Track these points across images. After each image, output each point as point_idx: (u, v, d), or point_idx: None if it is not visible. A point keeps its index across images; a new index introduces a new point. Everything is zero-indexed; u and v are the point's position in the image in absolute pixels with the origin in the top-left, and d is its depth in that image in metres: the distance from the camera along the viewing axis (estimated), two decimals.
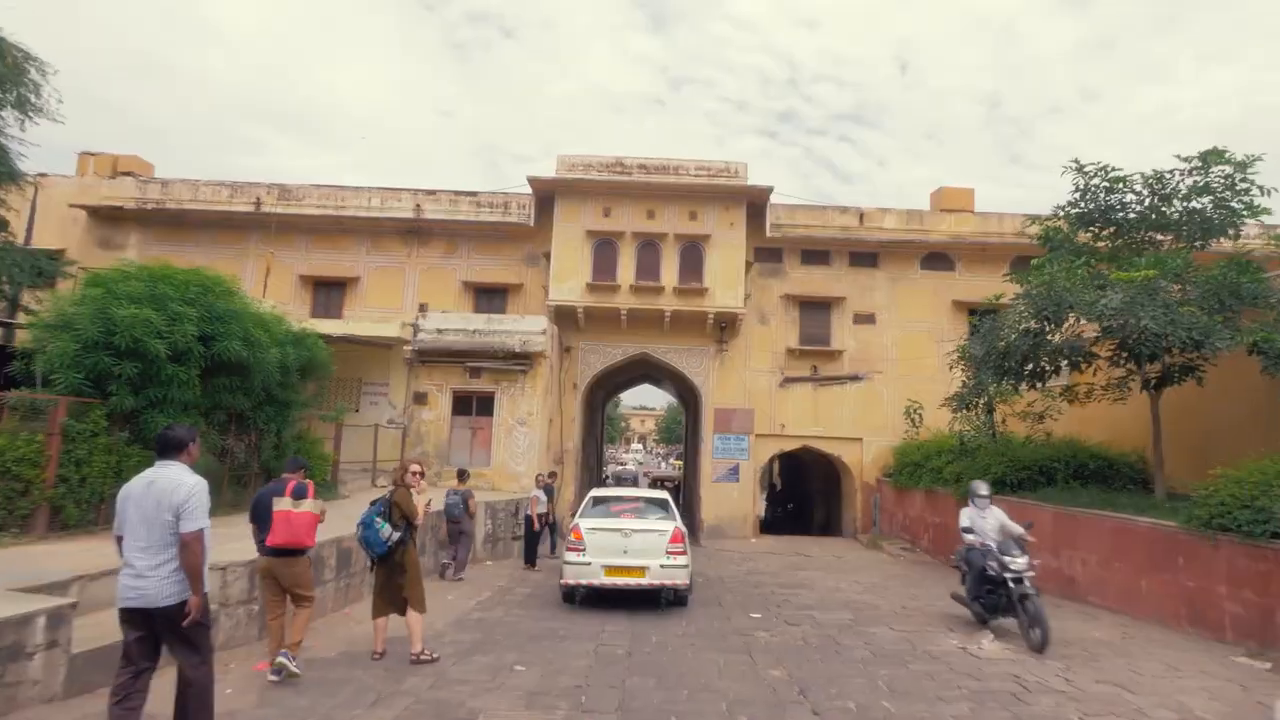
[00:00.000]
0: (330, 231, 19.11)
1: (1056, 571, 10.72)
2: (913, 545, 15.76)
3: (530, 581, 11.43)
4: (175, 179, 19.11)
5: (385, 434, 15.25)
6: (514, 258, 19.21)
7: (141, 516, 3.78)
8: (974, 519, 8.46)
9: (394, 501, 6.26)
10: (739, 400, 18.70)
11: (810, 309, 19.21)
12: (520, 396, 15.92)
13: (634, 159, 18.25)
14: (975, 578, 8.14)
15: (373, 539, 6.11)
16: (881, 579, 12.37)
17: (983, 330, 11.76)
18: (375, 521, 6.14)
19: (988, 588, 7.98)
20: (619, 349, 18.78)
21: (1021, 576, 7.51)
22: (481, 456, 15.77)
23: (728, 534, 18.03)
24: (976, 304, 18.98)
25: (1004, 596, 7.70)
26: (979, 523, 8.40)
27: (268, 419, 9.74)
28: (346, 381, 16.00)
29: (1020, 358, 10.90)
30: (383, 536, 6.10)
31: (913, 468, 16.12)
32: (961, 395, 12.65)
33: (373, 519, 6.14)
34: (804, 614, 9.12)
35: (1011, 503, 12.17)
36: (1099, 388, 11.90)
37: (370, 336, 15.45)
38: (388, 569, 6.26)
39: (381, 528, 6.08)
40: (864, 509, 18.45)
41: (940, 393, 17.94)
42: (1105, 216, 11.22)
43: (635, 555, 8.81)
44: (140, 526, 3.77)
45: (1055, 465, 12.58)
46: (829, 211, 19.18)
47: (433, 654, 6.31)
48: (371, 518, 6.14)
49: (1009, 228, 19.00)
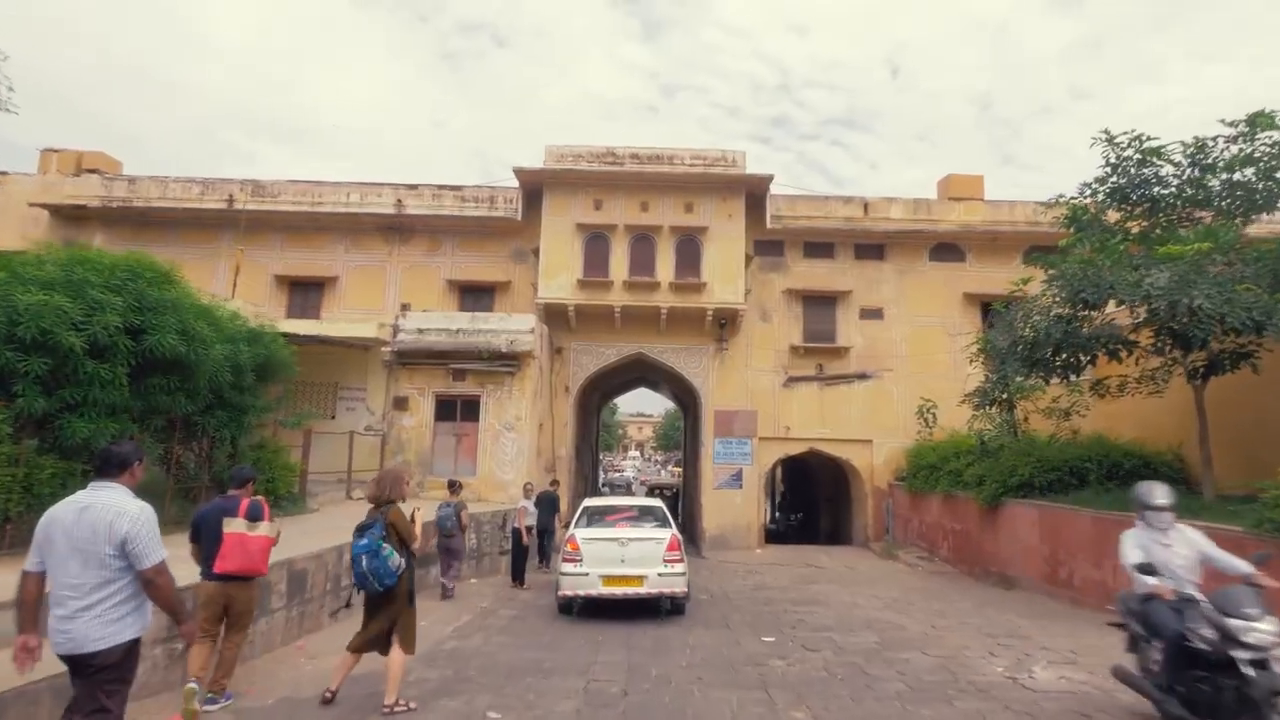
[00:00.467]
0: (307, 229, 18.10)
1: (1099, 584, 9.70)
2: (930, 554, 14.73)
3: (517, 602, 10.37)
4: (143, 176, 18.10)
5: (362, 442, 14.18)
6: (501, 254, 18.22)
7: (72, 548, 3.21)
8: (1149, 546, 4.89)
9: (390, 522, 5.19)
10: (741, 402, 17.69)
11: (814, 304, 18.24)
12: (507, 400, 14.88)
13: (625, 148, 17.29)
14: (1172, 654, 4.52)
15: (383, 570, 5.01)
16: (901, 593, 11.33)
17: (1008, 319, 10.77)
18: (383, 548, 5.05)
19: (1198, 674, 4.34)
20: (613, 349, 17.77)
21: (1265, 658, 4.05)
22: (466, 465, 14.71)
23: (731, 544, 16.98)
24: (990, 296, 18.03)
25: (1230, 691, 4.12)
26: (1159, 553, 4.84)
27: (220, 425, 8.68)
28: (321, 386, 14.95)
29: (1052, 347, 9.90)
30: (392, 566, 5.05)
31: (928, 470, 15.10)
32: (984, 390, 11.66)
33: (379, 545, 5.05)
34: (822, 637, 8.07)
35: (1043, 508, 11.21)
36: (1132, 380, 10.93)
37: (345, 337, 14.40)
38: (381, 602, 5.19)
39: (390, 555, 5.06)
40: (875, 515, 17.41)
41: (953, 390, 17.01)
42: (1140, 191, 10.25)
43: (633, 564, 8.70)
44: (71, 560, 3.20)
45: (1087, 465, 11.58)
46: (832, 202, 18.23)
47: (409, 704, 5.24)
48: (378, 544, 5.04)
49: (1020, 216, 18.10)
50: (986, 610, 9.82)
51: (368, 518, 5.26)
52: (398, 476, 5.56)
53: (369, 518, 5.25)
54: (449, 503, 10.43)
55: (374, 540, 5.05)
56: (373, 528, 5.15)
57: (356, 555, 5.05)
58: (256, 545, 5.20)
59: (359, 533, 5.16)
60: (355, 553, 5.06)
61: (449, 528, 10.17)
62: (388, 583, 5.04)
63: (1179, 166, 9.89)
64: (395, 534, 5.17)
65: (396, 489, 5.43)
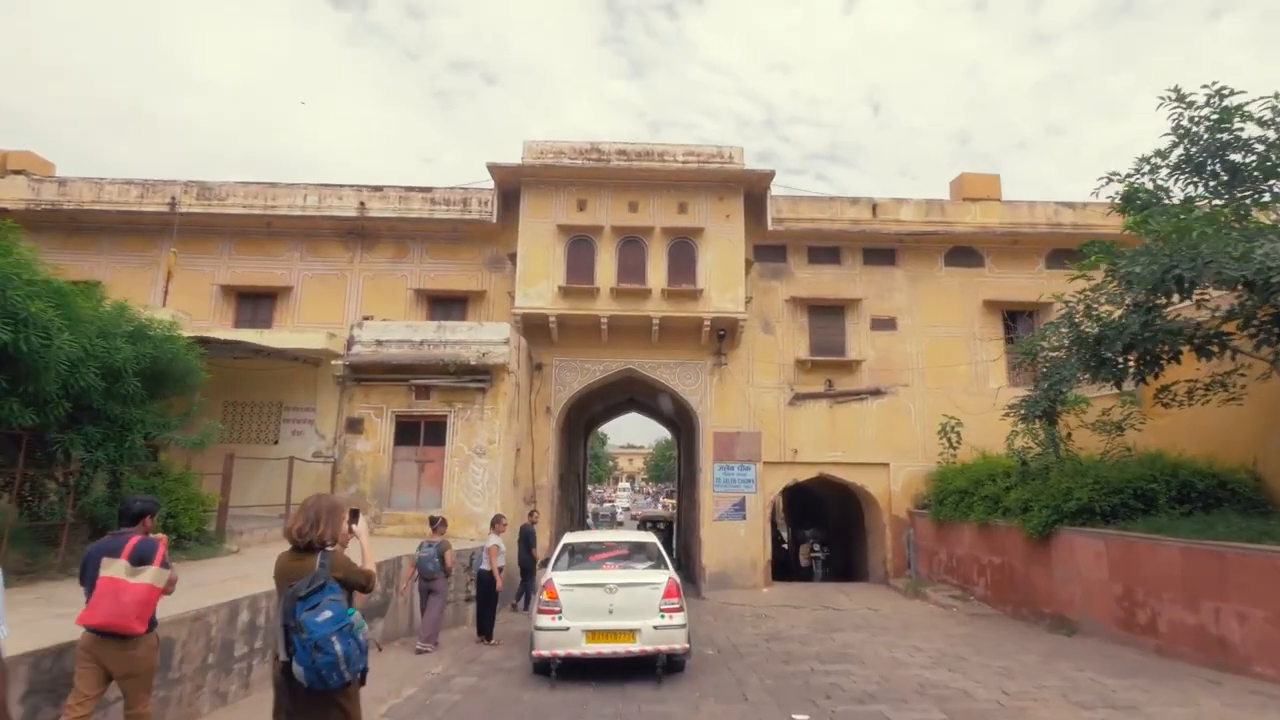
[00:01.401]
0: (258, 235, 16.30)
1: (1197, 630, 7.89)
2: (964, 592, 12.84)
3: (480, 664, 8.41)
4: (76, 178, 16.31)
5: (308, 470, 12.24)
6: (475, 262, 16.48)
7: None
8: None
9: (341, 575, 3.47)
10: (742, 422, 15.88)
11: (821, 314, 16.57)
12: (478, 421, 12.98)
13: (612, 144, 15.72)
14: None
15: (354, 656, 3.28)
16: (945, 643, 9.43)
17: (1068, 313, 9.07)
18: (352, 620, 3.33)
19: None
20: (599, 365, 15.96)
21: None
22: (430, 495, 12.75)
23: (734, 582, 15.01)
24: (1012, 303, 16.55)
25: None
26: None
27: (92, 444, 6.77)
28: (262, 406, 13.06)
29: (1124, 344, 8.20)
30: (365, 642, 3.36)
31: (957, 496, 13.30)
32: (1033, 400, 9.90)
33: (348, 615, 3.32)
34: (870, 712, 6.19)
35: (1111, 537, 9.42)
36: (1200, 386, 9.26)
37: (290, 349, 12.47)
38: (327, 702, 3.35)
39: (363, 627, 3.38)
40: (895, 548, 15.52)
41: (978, 405, 15.35)
42: (1217, 159, 8.66)
43: (623, 615, 7.29)
44: None
45: (1154, 487, 9.82)
46: (837, 203, 16.67)
47: None
48: (346, 615, 3.31)
49: (1041, 217, 16.62)
50: (1058, 665, 7.97)
51: (310, 577, 3.38)
52: (333, 508, 3.66)
53: (309, 574, 3.39)
54: (431, 541, 9.30)
55: (340, 606, 3.30)
56: (326, 588, 3.33)
57: (320, 637, 3.18)
58: (132, 595, 4.02)
59: (300, 600, 3.27)
60: (316, 633, 3.18)
61: (431, 569, 9.10)
62: (357, 669, 3.32)
63: (1268, 126, 8.31)
64: (346, 589, 3.48)
65: (332, 526, 3.58)
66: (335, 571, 3.50)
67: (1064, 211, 16.62)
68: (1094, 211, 16.51)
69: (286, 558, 3.62)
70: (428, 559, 9.19)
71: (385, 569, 9.27)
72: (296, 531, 3.60)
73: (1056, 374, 9.36)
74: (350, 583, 3.57)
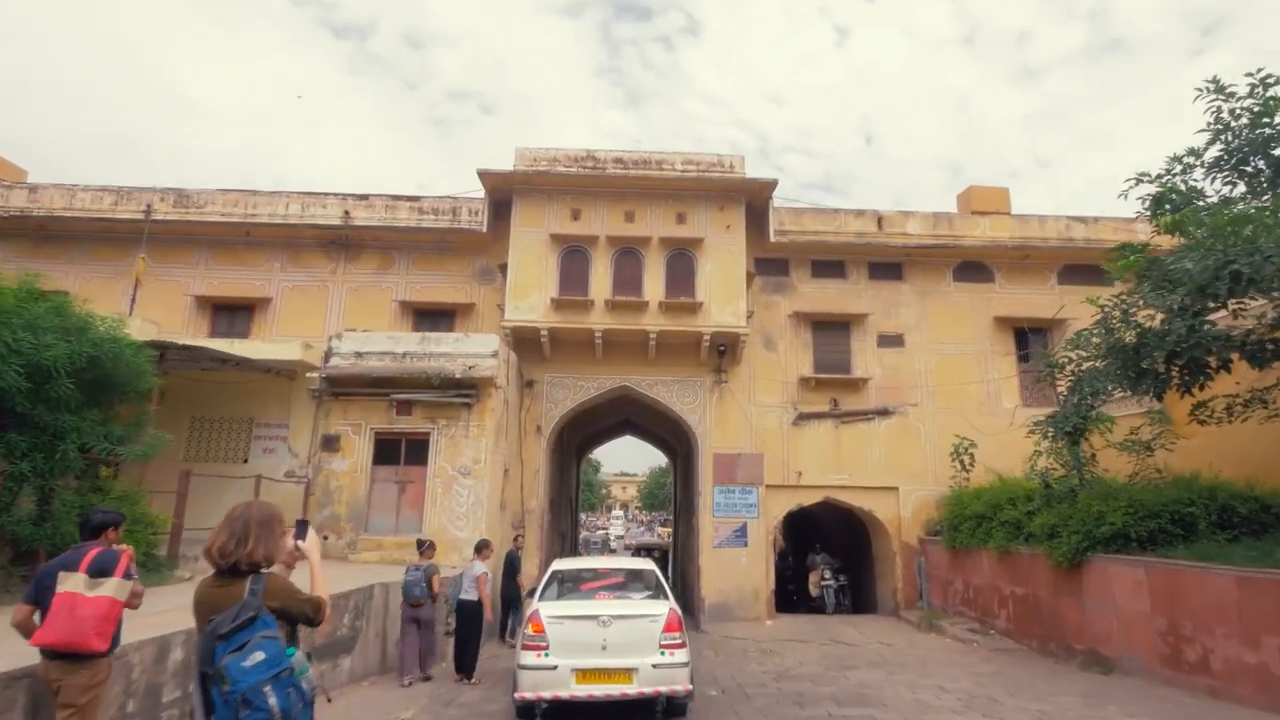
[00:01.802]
0: (236, 245, 15.57)
1: (1258, 670, 7.07)
2: (983, 625, 11.96)
3: (458, 707, 7.52)
4: (48, 184, 15.59)
5: (279, 491, 11.35)
6: (464, 274, 15.76)
7: None
8: None
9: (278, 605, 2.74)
10: (743, 443, 15.07)
11: (825, 330, 15.87)
12: (463, 439, 12.15)
13: (608, 152, 15.13)
14: None
15: (294, 711, 2.57)
16: (972, 682, 8.56)
17: (1102, 319, 8.37)
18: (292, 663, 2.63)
19: None
20: (593, 382, 15.18)
21: None
22: (411, 519, 11.86)
23: (736, 614, 14.08)
24: (1024, 320, 15.88)
25: None
26: None
27: (15, 454, 5.94)
28: (231, 423, 12.22)
29: (1170, 351, 7.50)
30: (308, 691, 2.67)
31: (974, 522, 12.49)
32: (1063, 416, 9.15)
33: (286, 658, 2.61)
34: None
35: (1153, 565, 8.62)
36: (1240, 401, 8.58)
37: (263, 359, 11.61)
38: None
39: (305, 671, 2.67)
40: (906, 577, 14.62)
41: (990, 426, 14.62)
42: (1261, 154, 8.05)
43: (618, 652, 6.48)
44: None
45: (1192, 511, 9.05)
46: (841, 215, 16.07)
47: None
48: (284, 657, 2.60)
49: (1053, 232, 16.06)
50: (1106, 709, 7.15)
51: (235, 609, 2.58)
52: (266, 519, 2.87)
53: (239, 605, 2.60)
54: (418, 566, 8.73)
55: (276, 646, 2.55)
56: (257, 623, 2.56)
57: (249, 689, 2.44)
58: (91, 610, 3.70)
59: (222, 640, 2.51)
60: (243, 683, 2.44)
61: (417, 595, 8.53)
62: None
63: None
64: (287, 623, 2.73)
65: (265, 542, 2.79)
66: (271, 600, 2.70)
67: (1076, 226, 16.07)
68: (1106, 226, 16.02)
69: (207, 585, 2.82)
70: (414, 583, 8.57)
71: (355, 599, 8.40)
72: (218, 550, 2.80)
73: (1090, 386, 8.64)
74: (292, 614, 2.78)
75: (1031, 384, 15.42)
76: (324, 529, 11.60)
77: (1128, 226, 15.21)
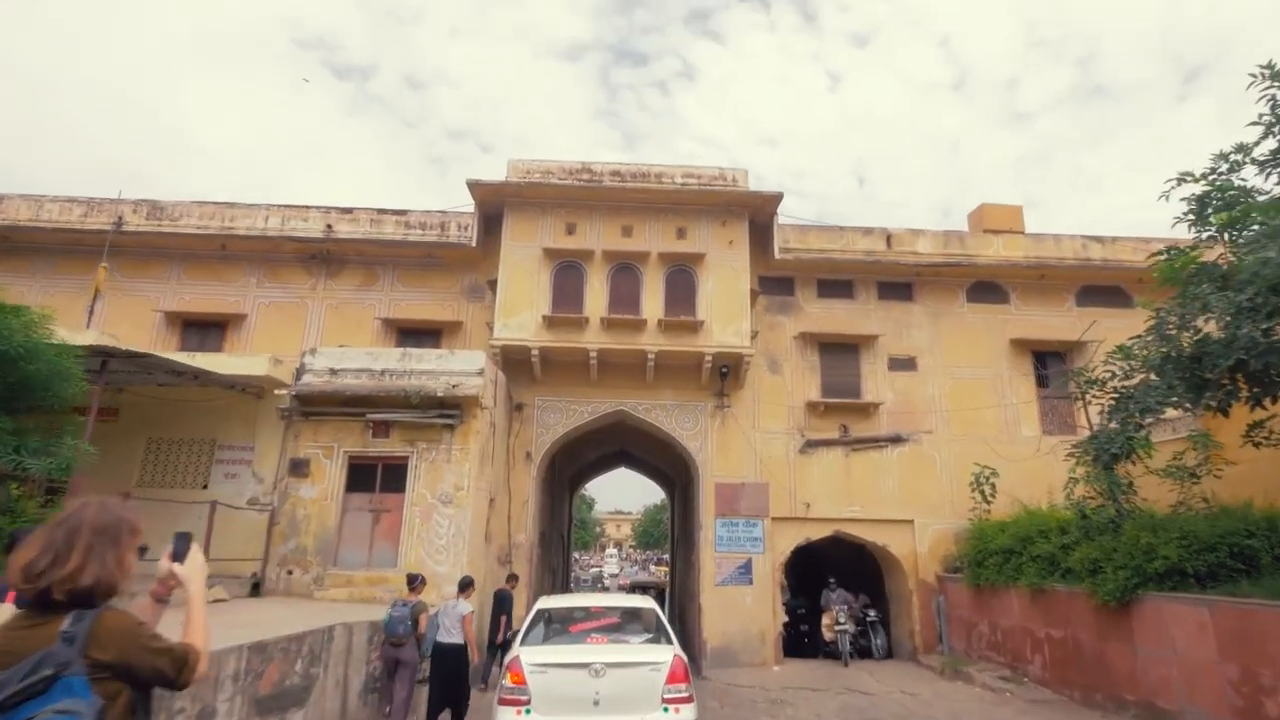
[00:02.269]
0: (211, 259, 14.73)
1: None
2: (1015, 672, 10.84)
3: None
4: (14, 194, 14.77)
5: (238, 519, 10.30)
6: (451, 290, 14.92)
7: None
8: None
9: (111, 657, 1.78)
10: (747, 471, 14.07)
11: (833, 352, 15.01)
12: (445, 464, 11.15)
13: (605, 165, 14.46)
14: None
15: None
16: None
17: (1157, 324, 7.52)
18: None
19: None
20: (587, 406, 14.23)
21: None
22: (385, 552, 10.78)
23: (740, 659, 12.92)
24: (1042, 343, 15.07)
25: None
26: None
27: None
28: (191, 444, 11.21)
29: (1237, 359, 6.64)
30: None
31: (1001, 557, 11.46)
32: (1108, 436, 8.24)
33: None
34: None
35: (1214, 605, 7.62)
36: None
37: (226, 374, 10.61)
38: None
39: None
40: (924, 618, 13.51)
41: (1009, 453, 13.70)
42: None
43: (614, 707, 5.56)
44: None
45: (1252, 544, 8.09)
46: (849, 233, 15.35)
47: None
48: None
49: (1069, 252, 15.36)
50: None
51: (28, 663, 1.65)
52: (105, 526, 1.93)
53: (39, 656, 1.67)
54: (406, 601, 8.02)
55: None
56: (56, 687, 1.64)
57: None
58: None
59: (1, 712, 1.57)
60: None
61: (400, 633, 7.78)
62: None
63: None
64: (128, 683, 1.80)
65: (100, 561, 1.85)
66: (98, 650, 1.73)
67: (1093, 246, 15.38)
68: (1124, 246, 15.35)
69: (9, 626, 1.86)
70: (399, 619, 7.80)
71: (310, 642, 7.30)
72: (22, 570, 1.86)
73: (1140, 403, 7.74)
74: (136, 672, 1.80)
75: (1051, 410, 14.56)
76: (288, 563, 10.53)
77: (1146, 246, 14.52)
